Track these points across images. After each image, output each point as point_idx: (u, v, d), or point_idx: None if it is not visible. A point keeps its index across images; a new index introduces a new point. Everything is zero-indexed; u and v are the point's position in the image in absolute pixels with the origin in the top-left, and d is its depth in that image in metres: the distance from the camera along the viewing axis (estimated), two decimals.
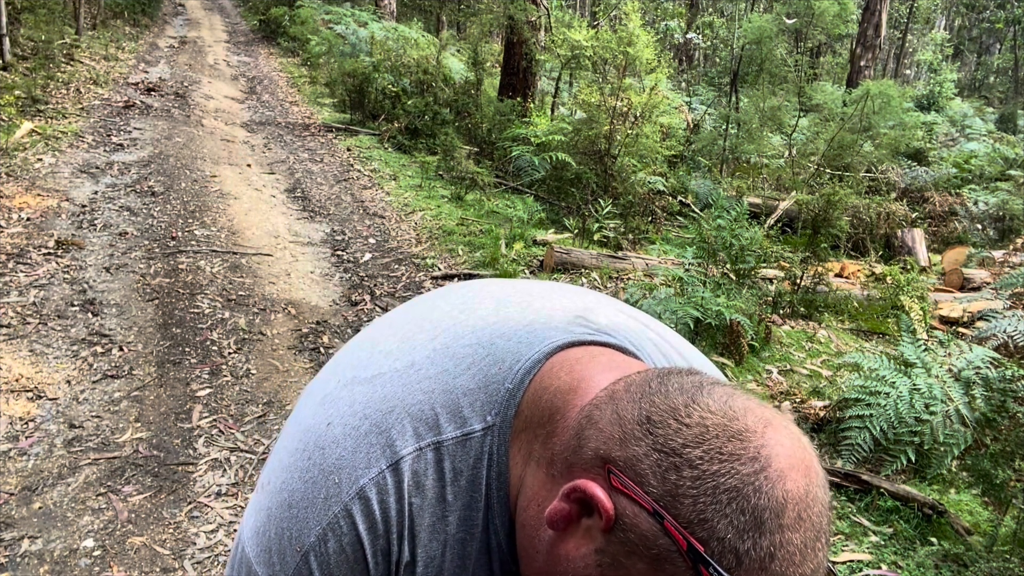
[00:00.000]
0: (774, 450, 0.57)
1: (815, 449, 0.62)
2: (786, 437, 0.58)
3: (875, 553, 2.76)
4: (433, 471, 0.67)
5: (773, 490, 0.55)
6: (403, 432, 0.67)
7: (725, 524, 0.54)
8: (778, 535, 0.54)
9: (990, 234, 8.16)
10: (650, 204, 6.69)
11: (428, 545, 0.68)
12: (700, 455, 0.56)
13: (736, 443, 0.56)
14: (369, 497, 0.66)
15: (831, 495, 0.62)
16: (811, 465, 0.58)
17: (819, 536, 0.57)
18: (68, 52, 10.11)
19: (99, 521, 2.51)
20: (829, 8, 9.02)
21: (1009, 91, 22.83)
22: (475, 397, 0.68)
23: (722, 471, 0.55)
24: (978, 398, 3.04)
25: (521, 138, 7.53)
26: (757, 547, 0.54)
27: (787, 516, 0.55)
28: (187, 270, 4.59)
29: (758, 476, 0.55)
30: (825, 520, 0.58)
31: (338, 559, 0.66)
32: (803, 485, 0.56)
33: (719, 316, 3.90)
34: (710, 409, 0.58)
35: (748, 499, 0.54)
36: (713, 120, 10.12)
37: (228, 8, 21.07)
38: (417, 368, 0.70)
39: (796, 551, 0.55)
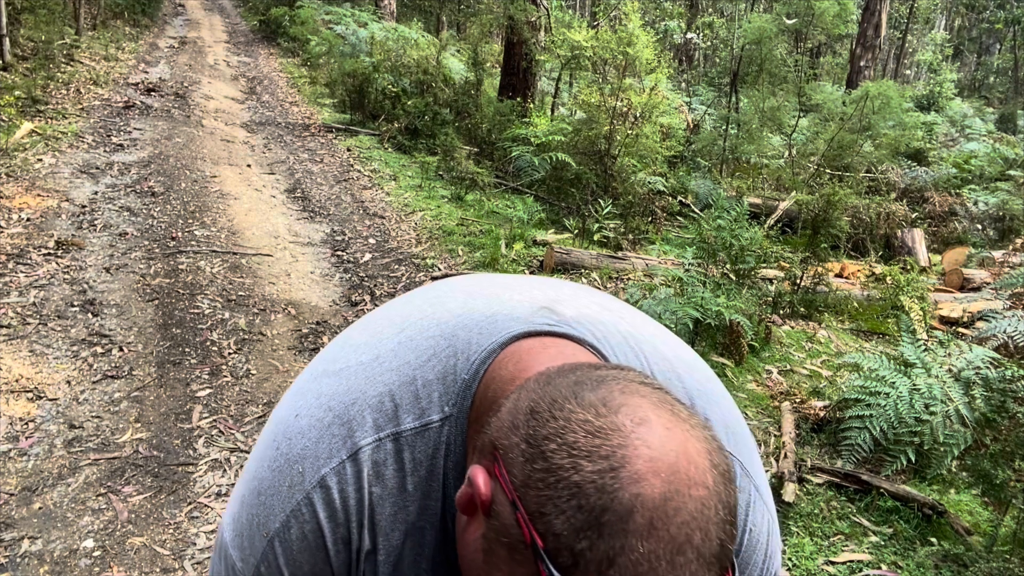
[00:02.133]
0: (636, 451, 0.53)
1: (726, 461, 0.57)
2: (662, 439, 0.54)
3: (875, 553, 2.77)
4: (393, 461, 0.68)
5: (619, 492, 0.51)
6: (363, 423, 0.69)
7: (562, 521, 0.52)
8: (619, 541, 0.50)
9: (990, 234, 8.16)
10: (650, 204, 6.69)
11: (389, 534, 0.69)
12: (554, 448, 0.54)
13: (594, 439, 0.54)
14: (330, 486, 0.67)
15: (734, 506, 0.56)
16: (689, 474, 0.53)
17: (682, 551, 0.51)
18: (68, 52, 10.12)
19: (99, 521, 2.51)
20: (829, 8, 9.02)
21: (1009, 91, 22.84)
22: (433, 388, 0.70)
23: (568, 466, 0.53)
24: (978, 398, 3.04)
25: (521, 138, 7.53)
26: (594, 549, 0.51)
27: (633, 522, 0.51)
28: (187, 270, 4.60)
29: (605, 475, 0.52)
30: (701, 537, 0.52)
31: (300, 545, 0.68)
32: (662, 492, 0.52)
33: (719, 316, 3.91)
34: (584, 403, 0.56)
35: (588, 498, 0.51)
36: (713, 120, 10.12)
37: (228, 8, 21.07)
38: (381, 361, 0.72)
39: (643, 561, 0.50)
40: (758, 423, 3.64)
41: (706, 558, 0.52)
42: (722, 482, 0.55)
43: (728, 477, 0.56)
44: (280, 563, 0.69)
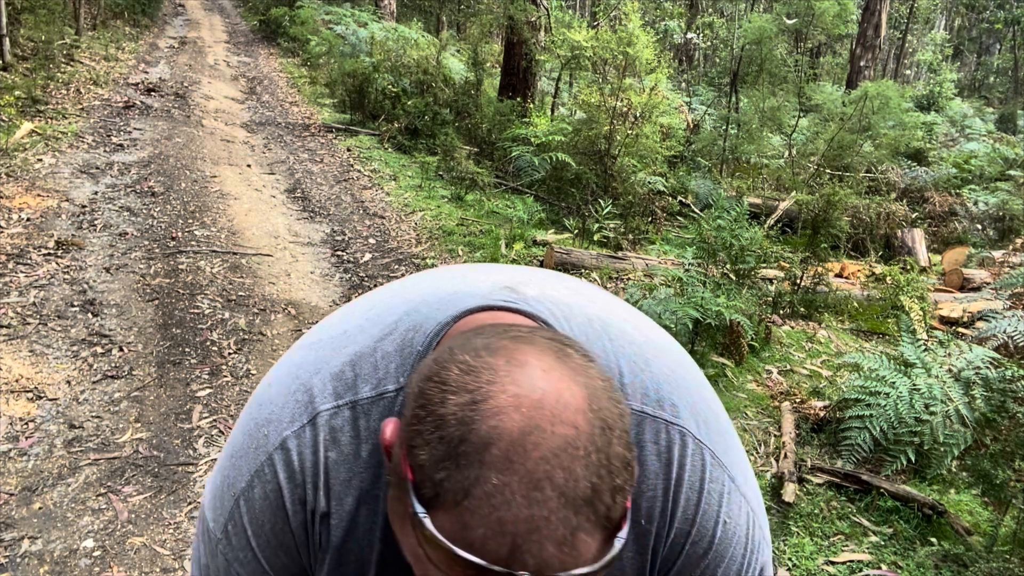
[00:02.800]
0: (502, 387, 0.53)
1: (617, 414, 0.56)
2: (532, 378, 0.54)
3: (875, 553, 2.77)
4: (349, 428, 0.70)
5: (478, 424, 0.52)
6: (324, 390, 0.72)
7: (427, 452, 0.53)
8: (475, 471, 0.51)
9: (990, 234, 8.15)
10: (650, 204, 6.69)
11: (343, 499, 0.71)
12: (431, 386, 0.56)
13: (465, 376, 0.54)
14: (290, 448, 0.71)
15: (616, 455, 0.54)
16: (555, 411, 0.53)
17: (539, 487, 0.50)
18: (68, 52, 10.11)
19: (99, 521, 2.51)
20: (829, 8, 9.02)
21: (1009, 91, 22.84)
22: (392, 360, 0.72)
23: (437, 400, 0.54)
24: (978, 398, 3.04)
25: (521, 138, 7.53)
26: (451, 480, 0.51)
27: (489, 454, 0.51)
28: (187, 270, 4.60)
29: (466, 408, 0.53)
30: (563, 476, 0.51)
31: (262, 504, 0.71)
32: (521, 426, 0.51)
33: (719, 316, 3.91)
34: (469, 347, 0.57)
35: (449, 429, 0.52)
36: (713, 120, 10.12)
37: (228, 8, 21.06)
38: (348, 335, 0.76)
39: (496, 493, 0.50)
40: (758, 423, 3.64)
41: (570, 499, 0.51)
42: (600, 428, 0.54)
43: (612, 427, 0.55)
44: (244, 521, 0.72)
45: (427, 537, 0.53)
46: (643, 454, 0.71)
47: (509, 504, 0.50)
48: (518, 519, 0.50)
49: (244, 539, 0.73)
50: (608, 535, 0.54)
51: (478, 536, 0.50)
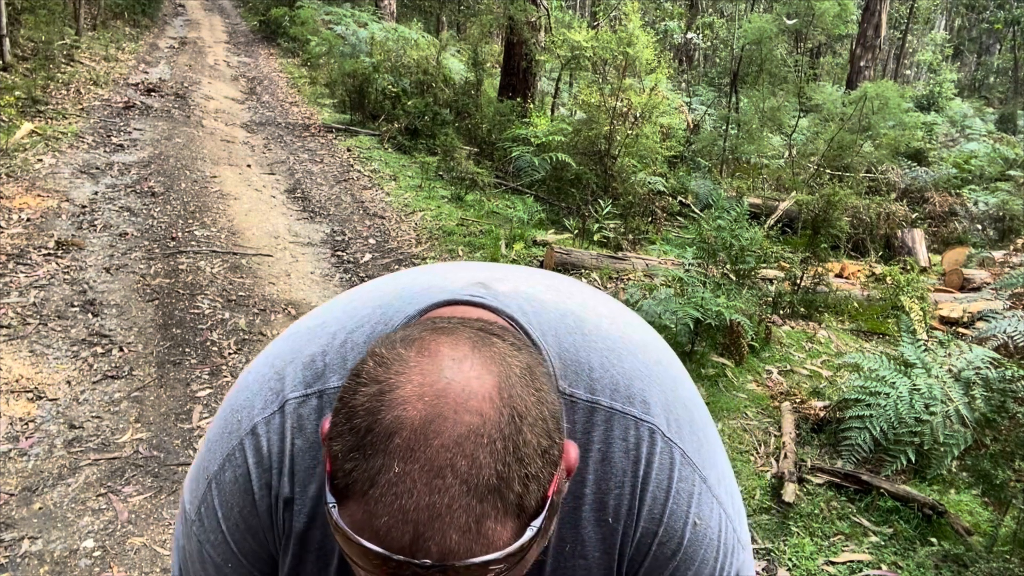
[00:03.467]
0: (408, 377, 0.54)
1: (533, 404, 0.56)
2: (440, 368, 0.55)
3: (875, 553, 2.77)
4: (315, 416, 0.72)
5: (382, 414, 0.53)
6: (295, 379, 0.73)
7: (340, 443, 0.54)
8: (379, 460, 0.52)
9: (990, 234, 8.15)
10: (650, 204, 6.69)
11: (306, 486, 0.71)
12: (350, 379, 0.57)
13: (376, 368, 0.56)
14: (259, 434, 0.72)
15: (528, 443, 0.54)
16: (459, 400, 0.53)
17: (441, 475, 0.51)
18: (68, 53, 10.11)
19: (99, 521, 2.51)
20: (829, 8, 9.02)
21: (1009, 91, 22.84)
22: (360, 351, 0.73)
23: (351, 391, 0.56)
24: (978, 398, 3.04)
25: (521, 138, 7.53)
26: (358, 470, 0.53)
27: (392, 443, 0.52)
28: (187, 270, 4.60)
29: (373, 399, 0.54)
30: (466, 464, 0.51)
31: (232, 488, 0.73)
32: (424, 415, 0.52)
33: (719, 316, 3.91)
34: (389, 340, 0.59)
35: (358, 419, 0.54)
36: (713, 120, 10.12)
37: (228, 8, 21.07)
38: (324, 326, 0.78)
39: (398, 481, 0.51)
40: (758, 423, 3.64)
41: (473, 487, 0.52)
42: (510, 416, 0.54)
43: (524, 415, 0.55)
44: (216, 504, 0.74)
45: (337, 528, 0.54)
46: (611, 451, 0.71)
47: (411, 492, 0.51)
48: (419, 507, 0.51)
49: (215, 522, 0.74)
50: (522, 524, 0.54)
51: (382, 525, 0.51)
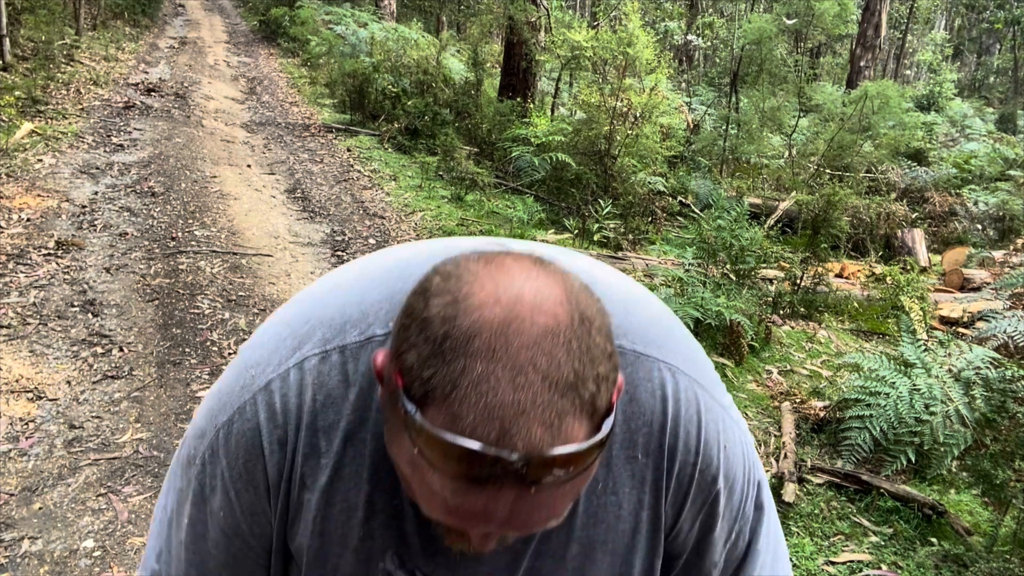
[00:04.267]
0: (482, 286, 0.56)
1: (596, 312, 0.58)
2: (512, 277, 0.57)
3: (875, 553, 2.77)
4: (338, 372, 0.72)
5: (460, 319, 0.54)
6: (313, 337, 0.74)
7: (414, 354, 0.55)
8: (460, 363, 0.53)
9: (990, 234, 8.16)
10: (650, 204, 6.69)
11: (331, 440, 0.72)
12: (415, 297, 0.59)
13: (448, 282, 0.57)
14: (273, 390, 0.73)
15: (597, 344, 0.57)
16: (535, 303, 0.55)
17: (523, 372, 0.53)
18: (68, 53, 10.12)
19: (99, 522, 2.52)
20: (829, 8, 9.02)
21: (1009, 91, 22.84)
22: (380, 307, 0.74)
23: (421, 307, 0.57)
24: (978, 398, 3.04)
25: (521, 138, 7.53)
26: (438, 375, 0.54)
27: (472, 346, 0.53)
28: (187, 270, 4.60)
29: (448, 307, 0.55)
30: (546, 361, 0.53)
31: (239, 440, 0.73)
32: (502, 317, 0.54)
33: (719, 316, 3.91)
34: (451, 259, 0.60)
35: (434, 328, 0.55)
36: (713, 120, 10.12)
37: (228, 8, 21.07)
38: (339, 287, 0.79)
39: (482, 380, 0.53)
40: (758, 423, 3.64)
41: (554, 383, 0.54)
42: (580, 319, 0.57)
43: (592, 320, 0.57)
44: (221, 453, 0.75)
45: (420, 432, 0.54)
46: (637, 392, 0.74)
47: (495, 390, 0.53)
48: (505, 403, 0.52)
49: (218, 469, 0.75)
50: (595, 423, 0.56)
51: (468, 423, 0.53)
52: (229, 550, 0.78)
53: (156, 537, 0.83)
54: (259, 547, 0.77)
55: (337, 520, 0.74)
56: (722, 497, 0.79)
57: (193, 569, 0.79)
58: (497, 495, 0.54)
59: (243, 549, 0.77)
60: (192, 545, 0.79)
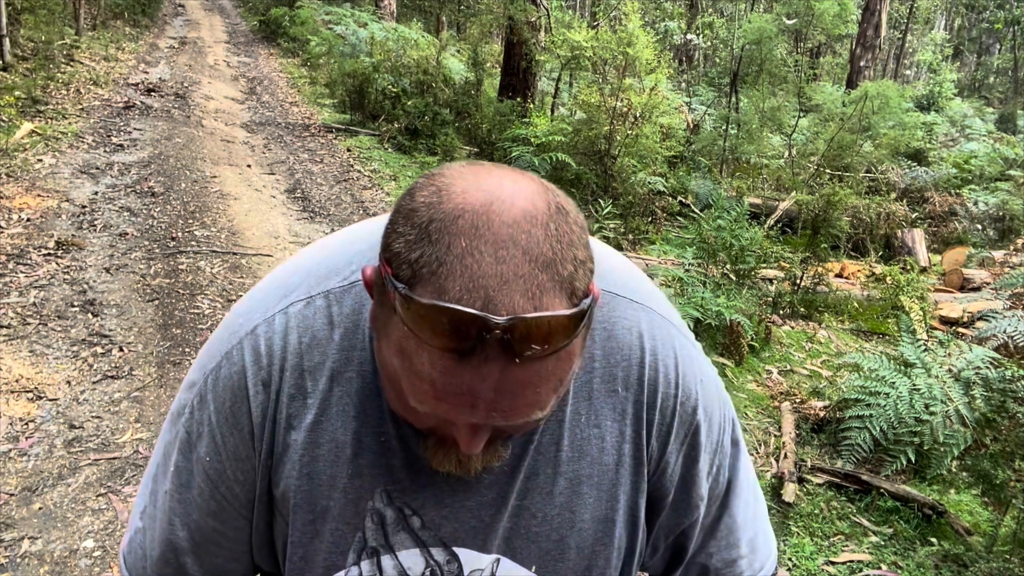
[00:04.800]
0: (463, 177, 0.61)
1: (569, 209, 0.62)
2: (490, 173, 0.61)
3: (875, 553, 2.77)
4: (323, 315, 0.75)
5: (444, 205, 0.58)
6: (299, 286, 0.77)
7: (401, 242, 0.59)
8: (445, 240, 0.57)
9: (990, 234, 8.16)
10: (650, 204, 6.69)
11: (318, 380, 0.74)
12: (402, 199, 0.62)
13: (432, 179, 0.62)
14: (259, 334, 0.75)
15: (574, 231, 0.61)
16: (513, 191, 0.59)
17: (505, 246, 0.56)
18: (68, 53, 10.11)
19: (99, 522, 2.52)
20: (829, 8, 9.02)
21: (1009, 91, 22.84)
22: (365, 255, 0.77)
23: (406, 203, 0.61)
24: (978, 398, 3.04)
25: (521, 138, 7.53)
26: (425, 255, 0.57)
27: (456, 225, 0.57)
28: (187, 270, 4.60)
29: (431, 196, 0.60)
30: (526, 239, 0.57)
31: (226, 383, 0.76)
32: (484, 200, 0.58)
33: (719, 316, 3.90)
34: (438, 168, 0.64)
35: (419, 215, 0.59)
36: (713, 120, 10.12)
37: (228, 8, 21.07)
38: (326, 244, 0.83)
39: (466, 254, 0.56)
40: (758, 423, 3.64)
41: (534, 259, 0.57)
42: (557, 209, 0.61)
43: (568, 211, 0.62)
44: (208, 397, 0.77)
45: (409, 308, 0.57)
46: (615, 329, 0.78)
47: (479, 263, 0.56)
48: (488, 275, 0.56)
49: (206, 414, 0.76)
50: (573, 303, 0.59)
51: (455, 293, 0.55)
52: (214, 496, 0.78)
53: (142, 495, 0.85)
54: (243, 494, 0.78)
55: (325, 460, 0.75)
56: (703, 429, 0.81)
57: (177, 519, 0.80)
58: (483, 368, 0.56)
59: (227, 496, 0.78)
60: (177, 494, 0.79)
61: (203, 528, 0.80)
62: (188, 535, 0.80)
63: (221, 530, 0.80)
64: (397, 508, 0.75)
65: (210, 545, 0.81)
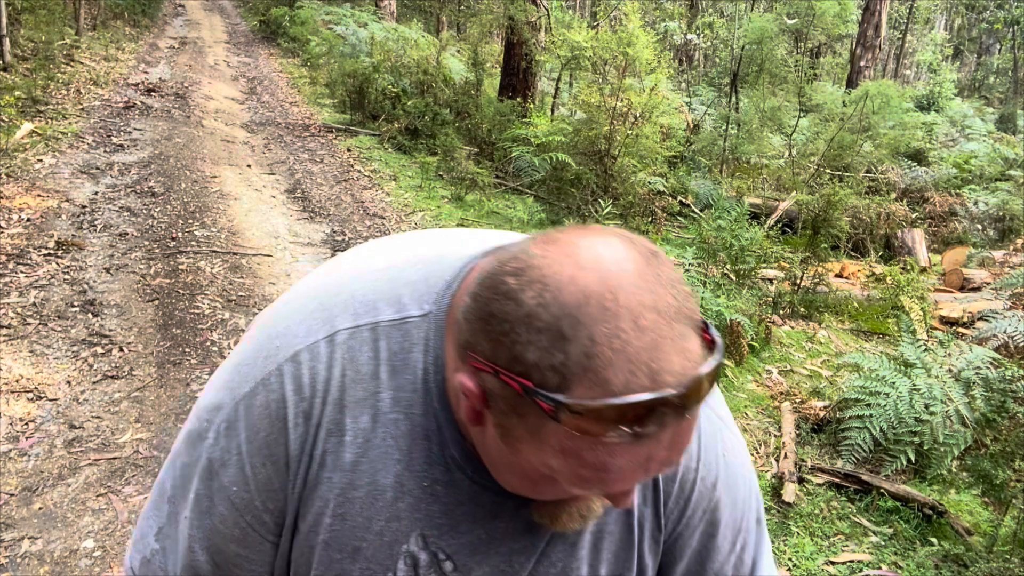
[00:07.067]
0: (557, 262, 0.57)
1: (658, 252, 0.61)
2: (571, 243, 0.58)
3: (875, 553, 2.77)
4: (369, 348, 0.71)
5: (559, 298, 0.55)
6: (344, 312, 0.72)
7: (533, 351, 0.55)
8: (584, 332, 0.54)
9: (990, 234, 8.16)
10: (650, 204, 6.69)
11: (358, 416, 0.71)
12: (496, 304, 0.58)
13: (523, 276, 0.57)
14: (301, 361, 0.71)
15: (671, 273, 0.60)
16: (613, 258, 0.57)
17: (640, 315, 0.54)
18: (68, 53, 10.12)
19: (99, 522, 2.52)
20: (829, 8, 9.02)
21: (1009, 91, 22.84)
22: (416, 288, 0.73)
23: (509, 308, 0.57)
24: (978, 398, 3.04)
25: (521, 138, 7.53)
26: (570, 355, 0.54)
27: (586, 313, 0.54)
28: (187, 271, 4.60)
29: (541, 295, 0.56)
30: (651, 298, 0.55)
31: (262, 412, 0.71)
32: (597, 278, 0.56)
33: (719, 316, 3.90)
34: (504, 258, 0.60)
35: (541, 317, 0.55)
36: (713, 120, 10.12)
37: (228, 9, 21.07)
38: (371, 265, 0.77)
39: (613, 338, 0.54)
40: (758, 423, 3.64)
41: (667, 314, 0.56)
42: (652, 255, 0.59)
43: (658, 254, 0.60)
44: (240, 426, 0.72)
45: (575, 415, 0.54)
46: None
47: (627, 342, 0.54)
48: (640, 348, 0.54)
49: (235, 443, 0.73)
50: (702, 337, 0.58)
51: (620, 381, 0.54)
52: (238, 524, 0.75)
53: (156, 512, 0.81)
54: (271, 521, 0.75)
55: (362, 502, 0.72)
56: (724, 505, 0.80)
57: (197, 545, 0.77)
58: (660, 436, 0.56)
59: (253, 524, 0.75)
60: (197, 520, 0.76)
61: (225, 553, 0.77)
62: (209, 558, 0.78)
63: (244, 555, 0.77)
64: (432, 552, 0.74)
65: (232, 568, 0.79)
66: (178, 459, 0.78)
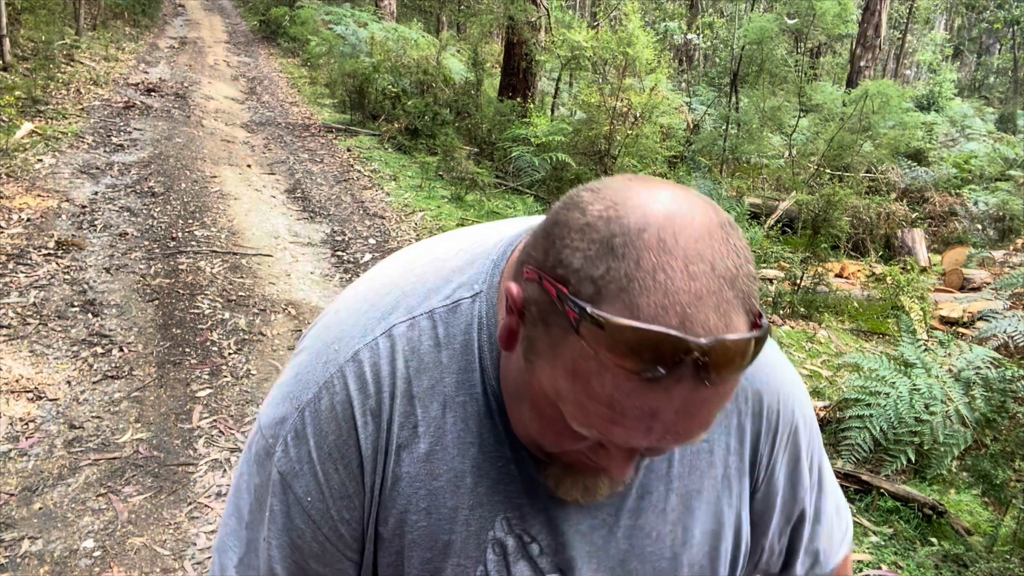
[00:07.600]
0: (636, 191, 0.58)
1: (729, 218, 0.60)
2: (657, 185, 0.59)
3: (875, 553, 2.77)
4: (428, 337, 0.71)
5: (625, 218, 0.55)
6: (397, 307, 0.72)
7: (579, 257, 0.55)
8: (633, 255, 0.53)
9: (990, 234, 8.16)
10: None
11: (428, 406, 0.71)
12: (563, 215, 0.58)
13: (600, 193, 0.58)
14: (362, 360, 0.70)
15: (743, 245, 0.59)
16: (689, 202, 0.57)
17: (694, 261, 0.53)
18: (68, 53, 10.12)
19: (99, 521, 2.52)
20: (829, 8, 9.02)
21: (1009, 91, 22.84)
22: (463, 272, 0.73)
23: (576, 217, 0.57)
24: (978, 398, 3.04)
25: (521, 138, 7.53)
26: (612, 271, 0.54)
27: (643, 240, 0.54)
28: (187, 271, 4.60)
29: (608, 210, 0.56)
30: (711, 253, 0.54)
31: (329, 415, 0.70)
32: (666, 212, 0.55)
33: None
34: (592, 184, 0.61)
35: (599, 229, 0.55)
36: (713, 120, 10.12)
37: (228, 8, 21.07)
38: (414, 263, 0.77)
39: (658, 270, 0.53)
40: None
41: (722, 274, 0.55)
42: (729, 224, 0.58)
43: (736, 228, 0.59)
44: (308, 432, 0.71)
45: (596, 328, 0.53)
46: None
47: (671, 279, 0.53)
48: (681, 290, 0.53)
49: (305, 450, 0.71)
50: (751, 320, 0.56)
51: (649, 311, 0.52)
52: (315, 538, 0.73)
53: (233, 546, 0.78)
54: (348, 534, 0.73)
55: (444, 492, 0.71)
56: (802, 427, 0.82)
57: (278, 565, 0.75)
58: (671, 391, 0.54)
59: (330, 537, 0.73)
60: (275, 539, 0.74)
61: (306, 571, 0.75)
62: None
63: (323, 573, 0.75)
64: (517, 536, 0.72)
65: None
66: (249, 483, 0.76)
